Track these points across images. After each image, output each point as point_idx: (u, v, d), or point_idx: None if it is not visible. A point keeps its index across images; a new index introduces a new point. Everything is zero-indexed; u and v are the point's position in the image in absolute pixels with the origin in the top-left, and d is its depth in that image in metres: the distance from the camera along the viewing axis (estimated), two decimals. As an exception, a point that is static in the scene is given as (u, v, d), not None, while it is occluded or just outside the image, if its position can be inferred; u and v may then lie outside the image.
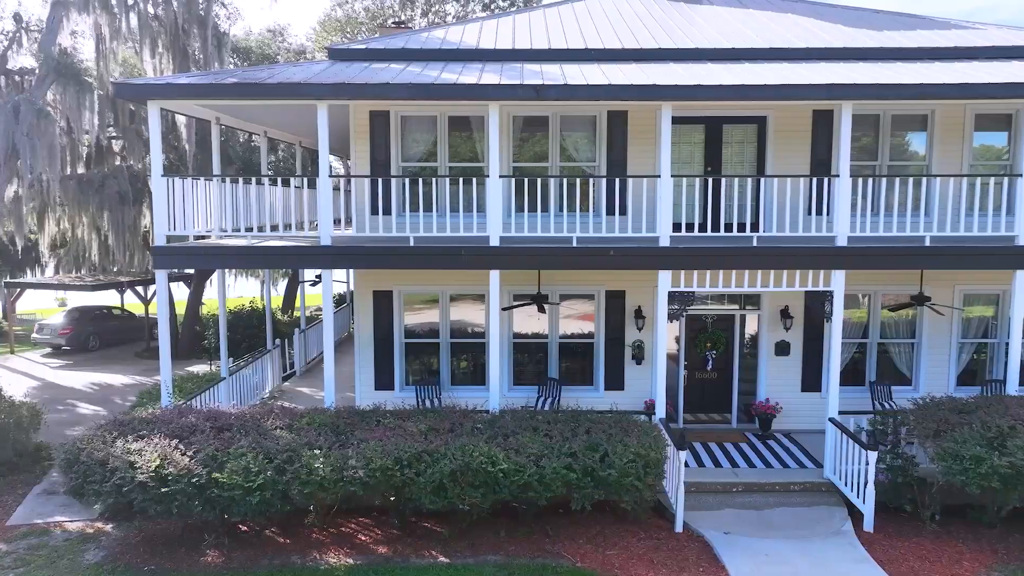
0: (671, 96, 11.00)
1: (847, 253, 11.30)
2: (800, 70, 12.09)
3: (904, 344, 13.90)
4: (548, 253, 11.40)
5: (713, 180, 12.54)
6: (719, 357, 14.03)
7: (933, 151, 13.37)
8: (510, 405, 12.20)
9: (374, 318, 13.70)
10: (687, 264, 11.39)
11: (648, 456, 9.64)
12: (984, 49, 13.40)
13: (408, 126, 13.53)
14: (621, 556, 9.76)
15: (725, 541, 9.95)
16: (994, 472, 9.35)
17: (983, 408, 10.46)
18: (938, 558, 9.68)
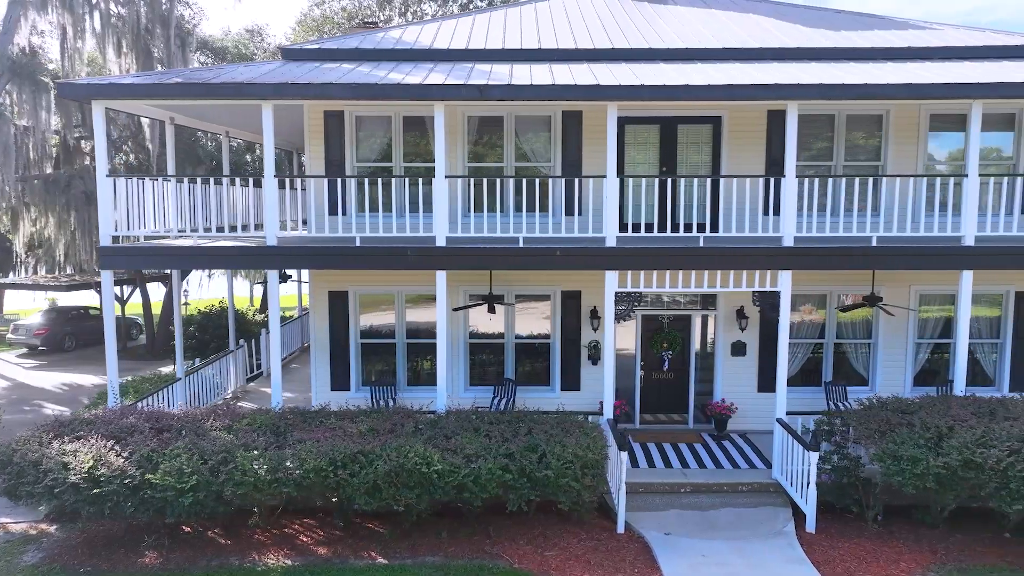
0: (615, 96, 10.99)
1: (794, 253, 11.29)
2: (749, 70, 12.08)
3: (861, 344, 13.89)
4: (494, 253, 11.38)
5: (664, 181, 12.55)
6: (676, 358, 14.02)
7: (888, 152, 13.36)
8: (465, 406, 12.23)
9: (330, 319, 13.68)
10: (634, 264, 11.38)
11: (585, 457, 9.63)
12: (938, 49, 13.40)
13: (363, 126, 13.51)
14: (559, 557, 9.74)
15: (664, 542, 9.93)
16: (929, 472, 9.34)
17: (926, 408, 10.45)
18: (876, 559, 9.67)
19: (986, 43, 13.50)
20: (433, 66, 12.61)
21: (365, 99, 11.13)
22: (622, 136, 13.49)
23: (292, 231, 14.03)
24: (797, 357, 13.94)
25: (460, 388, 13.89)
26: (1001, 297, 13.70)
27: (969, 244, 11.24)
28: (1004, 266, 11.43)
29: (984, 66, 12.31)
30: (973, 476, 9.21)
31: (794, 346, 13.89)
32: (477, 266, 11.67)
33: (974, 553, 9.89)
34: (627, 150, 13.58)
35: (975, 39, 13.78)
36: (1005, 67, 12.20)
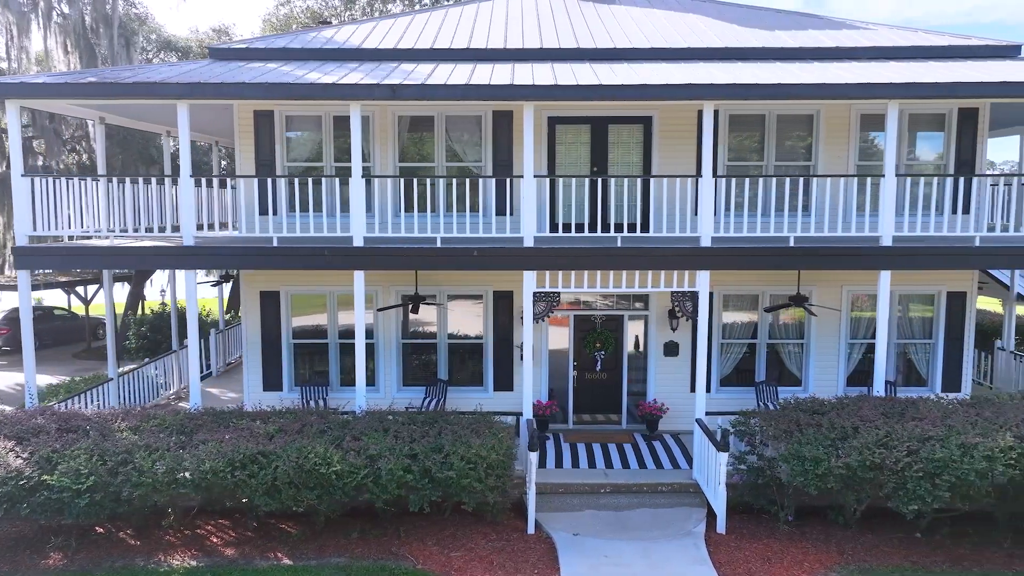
0: (531, 96, 10.97)
1: (711, 253, 11.28)
2: (673, 70, 12.06)
3: (794, 345, 13.88)
4: (411, 253, 11.36)
5: (595, 181, 12.54)
6: (609, 358, 14.00)
7: (819, 152, 13.35)
8: (399, 406, 12.26)
9: (261, 319, 13.64)
10: (552, 265, 11.36)
11: (489, 457, 9.60)
12: (867, 50, 13.39)
13: (293, 126, 13.48)
14: (464, 557, 9.72)
15: (571, 542, 9.91)
16: (830, 473, 9.34)
17: (837, 409, 10.45)
18: (781, 559, 9.65)
19: (915, 43, 13.50)
20: (358, 65, 12.58)
21: (279, 99, 11.12)
22: (553, 136, 13.48)
23: (222, 231, 13.98)
24: (730, 357, 13.93)
25: (393, 388, 13.87)
26: (934, 297, 13.70)
27: (887, 244, 11.23)
28: (919, 267, 11.44)
29: (907, 66, 12.31)
30: (873, 476, 9.20)
31: (727, 346, 13.90)
32: (395, 266, 11.64)
33: (881, 554, 9.88)
34: (558, 150, 13.55)
35: (906, 39, 13.78)
36: (928, 67, 12.20)
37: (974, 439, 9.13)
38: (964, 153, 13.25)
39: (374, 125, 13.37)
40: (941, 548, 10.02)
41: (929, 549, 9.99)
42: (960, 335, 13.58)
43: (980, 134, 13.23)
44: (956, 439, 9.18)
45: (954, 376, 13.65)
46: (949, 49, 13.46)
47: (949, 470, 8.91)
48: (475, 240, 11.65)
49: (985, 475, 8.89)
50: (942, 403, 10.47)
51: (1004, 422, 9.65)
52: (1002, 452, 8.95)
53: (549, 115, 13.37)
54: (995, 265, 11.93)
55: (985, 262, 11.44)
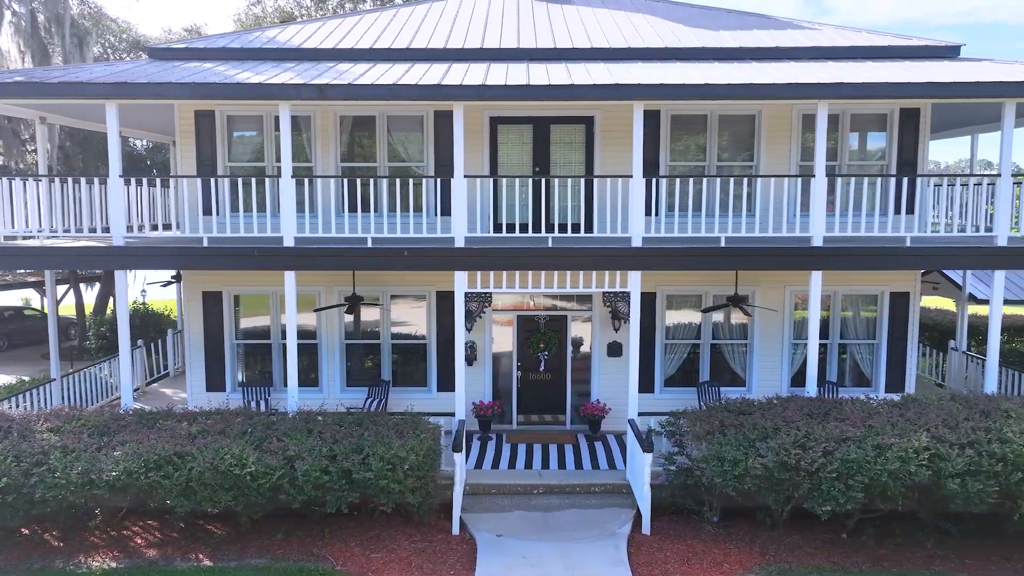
0: (460, 96, 10.95)
1: (642, 254, 11.26)
2: (604, 69, 12.03)
3: (738, 345, 13.87)
4: (342, 254, 11.34)
5: (537, 181, 12.54)
6: (553, 358, 13.99)
7: (761, 152, 13.34)
8: (342, 407, 12.26)
9: (204, 319, 13.62)
10: (483, 265, 11.34)
11: (408, 458, 9.58)
12: (808, 50, 13.38)
13: (235, 125, 13.45)
14: (384, 559, 9.70)
15: (493, 543, 9.89)
16: (747, 473, 9.32)
17: (762, 410, 10.44)
18: (701, 561, 9.63)
19: (855, 44, 13.49)
20: (295, 65, 12.56)
21: (205, 99, 11.10)
22: (495, 136, 13.47)
23: (166, 231, 13.94)
24: (675, 358, 13.92)
25: (337, 389, 13.85)
26: (877, 298, 13.69)
27: (818, 244, 11.22)
28: (850, 267, 11.42)
29: (843, 66, 12.30)
30: (788, 477, 9.18)
31: (672, 347, 13.88)
32: (325, 267, 11.62)
33: (804, 555, 9.86)
34: (500, 150, 13.54)
35: (847, 40, 13.77)
36: (861, 67, 12.18)
37: (890, 440, 9.12)
38: (906, 153, 13.25)
39: (315, 125, 13.35)
40: (864, 549, 10.01)
41: (852, 550, 9.98)
42: (903, 335, 13.58)
43: (922, 134, 13.23)
44: (872, 440, 9.17)
45: (898, 376, 13.65)
46: (889, 49, 13.46)
47: (862, 471, 8.90)
48: (407, 240, 11.63)
49: (898, 476, 8.87)
50: (869, 404, 10.46)
51: (924, 423, 9.64)
52: (916, 453, 8.93)
53: (491, 115, 13.36)
54: (927, 265, 11.90)
55: (917, 262, 11.44)
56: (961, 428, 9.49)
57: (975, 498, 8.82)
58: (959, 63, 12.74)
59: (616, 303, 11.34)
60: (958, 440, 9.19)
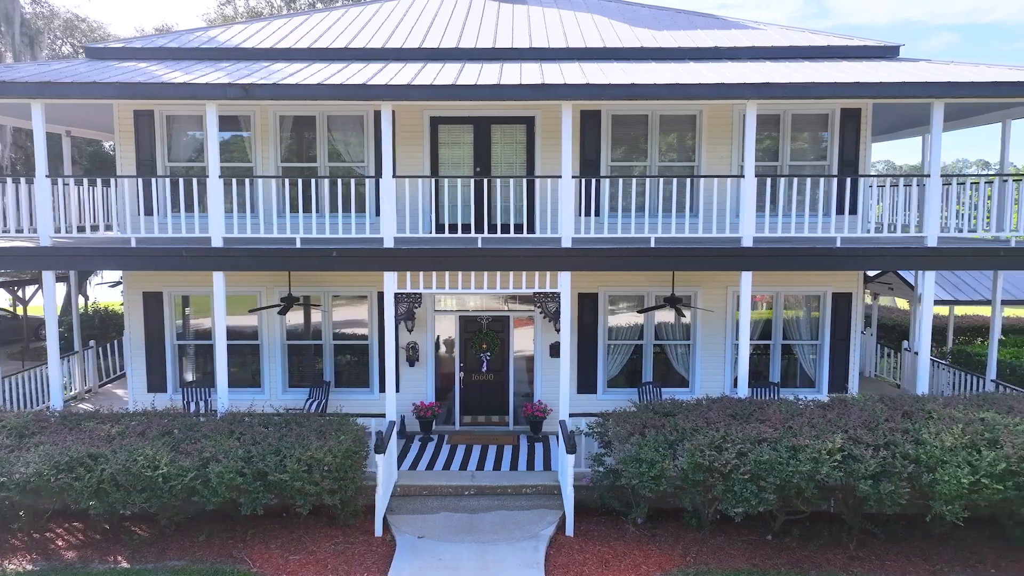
0: (385, 96, 10.89)
1: (572, 255, 11.21)
2: (537, 69, 11.98)
3: (680, 346, 13.83)
4: (269, 254, 11.28)
5: (480, 181, 12.50)
6: (495, 359, 13.95)
7: (702, 152, 13.30)
8: (283, 407, 12.16)
9: (144, 320, 13.58)
10: (413, 265, 11.28)
11: (324, 460, 9.53)
12: (747, 50, 13.35)
13: (174, 125, 13.40)
14: (301, 561, 9.65)
15: (412, 545, 9.84)
16: (663, 475, 9.28)
17: (687, 411, 10.40)
18: (620, 563, 9.59)
19: (795, 44, 13.47)
20: (230, 65, 12.50)
21: (130, 98, 11.07)
22: (436, 136, 13.43)
23: (107, 232, 13.86)
24: (618, 358, 13.88)
25: (279, 390, 13.80)
26: (819, 299, 13.67)
27: (747, 245, 11.18)
28: (779, 267, 11.36)
29: (778, 66, 12.26)
30: (703, 479, 9.14)
31: (614, 347, 13.85)
32: (254, 267, 11.55)
33: (726, 556, 9.83)
34: (441, 150, 13.50)
35: (789, 39, 13.74)
36: (799, 67, 12.15)
37: (805, 441, 9.08)
38: (847, 153, 13.23)
39: (255, 125, 13.30)
40: (787, 550, 9.98)
41: (775, 551, 9.95)
42: (846, 336, 13.56)
43: (864, 135, 13.20)
44: (787, 441, 9.14)
45: (841, 376, 13.62)
46: (829, 49, 13.43)
47: (775, 472, 8.87)
48: (336, 240, 11.58)
49: (811, 477, 8.83)
50: (795, 405, 10.41)
51: (845, 424, 9.60)
52: (829, 454, 8.90)
53: (431, 115, 13.32)
54: (856, 266, 11.85)
55: (846, 263, 11.39)
56: (880, 429, 9.46)
57: (887, 499, 8.79)
58: (896, 63, 12.71)
59: (546, 303, 11.29)
60: (874, 441, 9.16)
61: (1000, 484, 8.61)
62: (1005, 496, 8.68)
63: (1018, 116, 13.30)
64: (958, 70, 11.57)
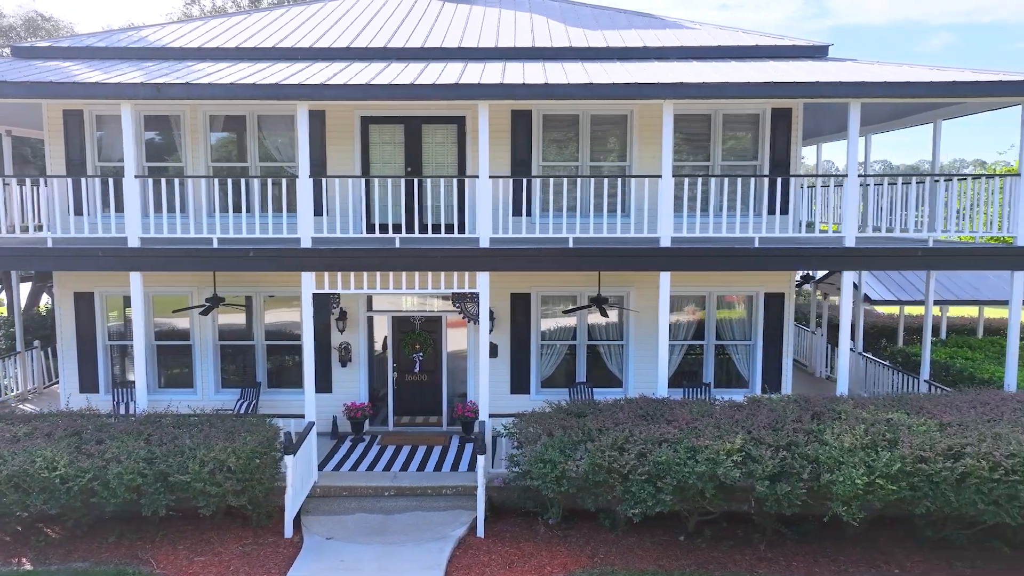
0: (301, 96, 10.86)
1: (489, 255, 11.17)
2: (455, 69, 11.95)
3: (614, 346, 13.81)
4: (188, 255, 11.24)
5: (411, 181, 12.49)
6: (429, 359, 13.92)
7: (634, 152, 13.28)
8: (215, 409, 12.21)
9: (76, 320, 13.53)
10: (331, 266, 11.25)
11: (227, 461, 9.49)
12: (677, 49, 13.33)
13: (105, 125, 13.35)
14: (205, 562, 9.61)
15: (317, 547, 9.81)
16: (564, 476, 9.26)
17: (598, 411, 10.37)
18: (524, 564, 9.57)
19: (724, 43, 13.46)
20: (155, 64, 12.48)
21: (41, 98, 11.00)
22: (366, 136, 13.41)
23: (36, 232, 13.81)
24: (551, 358, 13.86)
25: (211, 390, 13.76)
26: (752, 299, 13.65)
27: (665, 245, 11.16)
28: (697, 267, 11.37)
29: (702, 65, 12.25)
30: (603, 479, 9.12)
31: (548, 347, 13.82)
32: (172, 267, 11.49)
33: (634, 557, 9.81)
34: (372, 149, 13.47)
35: (719, 39, 13.72)
36: (724, 67, 12.13)
37: (705, 442, 9.06)
38: (779, 154, 13.20)
39: (185, 124, 13.27)
40: (698, 551, 9.96)
41: (685, 552, 9.93)
42: (779, 336, 13.54)
43: (794, 135, 13.18)
44: (688, 442, 9.11)
45: (774, 377, 13.60)
46: (758, 49, 13.42)
47: (672, 473, 8.84)
48: (253, 241, 11.54)
49: (709, 478, 8.81)
50: (706, 405, 10.39)
51: (751, 424, 9.59)
52: (727, 454, 8.88)
53: (362, 115, 13.29)
54: (773, 267, 11.78)
55: (763, 263, 11.35)
56: (784, 430, 9.44)
57: (784, 500, 8.77)
58: (822, 63, 12.71)
59: (465, 304, 11.27)
60: (776, 442, 9.14)
61: (894, 485, 8.60)
62: (900, 496, 8.67)
63: (948, 117, 13.31)
64: (877, 70, 11.56)
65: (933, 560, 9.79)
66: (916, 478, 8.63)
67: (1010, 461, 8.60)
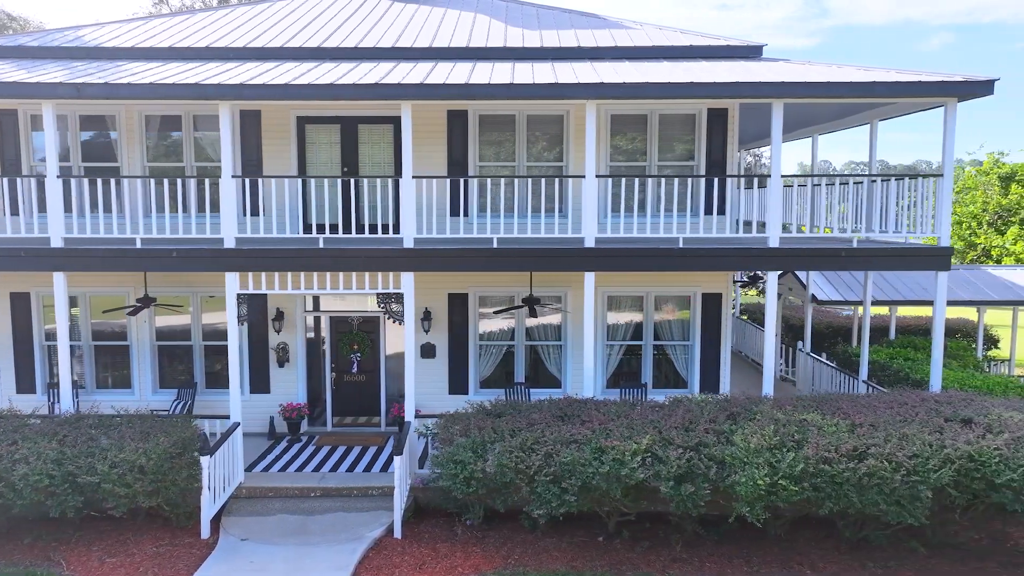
0: (219, 96, 10.82)
1: (413, 255, 11.17)
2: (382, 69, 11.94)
3: (552, 347, 13.80)
4: (112, 255, 11.21)
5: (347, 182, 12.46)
6: (367, 360, 13.90)
7: (570, 152, 13.27)
8: (152, 409, 12.17)
9: (12, 320, 13.50)
10: (255, 266, 11.22)
11: (136, 462, 9.46)
12: (610, 50, 13.33)
13: (39, 125, 13.27)
14: (115, 563, 9.57)
15: (231, 548, 9.78)
16: (472, 476, 9.24)
17: (516, 412, 10.35)
18: (435, 565, 9.53)
19: (657, 43, 13.47)
20: (86, 64, 12.45)
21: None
22: (303, 135, 13.39)
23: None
24: (490, 359, 13.84)
25: (148, 391, 13.73)
26: (689, 299, 13.64)
27: (590, 246, 11.15)
28: (621, 268, 11.34)
29: (635, 65, 12.24)
30: (511, 480, 9.10)
31: (487, 348, 13.81)
32: (96, 268, 11.46)
33: (549, 558, 9.77)
34: (308, 150, 13.45)
35: (656, 39, 13.72)
36: (647, 67, 12.12)
37: (613, 442, 9.05)
38: (715, 154, 13.19)
39: (121, 124, 13.24)
40: (613, 552, 9.94)
41: (601, 553, 9.91)
42: (716, 336, 13.53)
43: (730, 135, 13.17)
44: (597, 442, 9.10)
45: (712, 377, 13.59)
46: (692, 49, 13.42)
47: (576, 474, 8.83)
48: (175, 241, 11.52)
49: (613, 478, 8.80)
50: (623, 405, 10.36)
51: (664, 424, 9.57)
52: (632, 455, 8.86)
53: (297, 115, 13.27)
54: (698, 267, 11.64)
55: (687, 264, 11.31)
56: (696, 430, 9.43)
57: (687, 500, 8.77)
58: (754, 63, 12.70)
59: (390, 304, 11.24)
60: (685, 443, 9.13)
61: (796, 485, 8.59)
62: (803, 497, 8.66)
63: (884, 117, 13.32)
64: (803, 70, 11.56)
65: (848, 561, 9.78)
66: (819, 479, 8.62)
67: (912, 462, 8.60)
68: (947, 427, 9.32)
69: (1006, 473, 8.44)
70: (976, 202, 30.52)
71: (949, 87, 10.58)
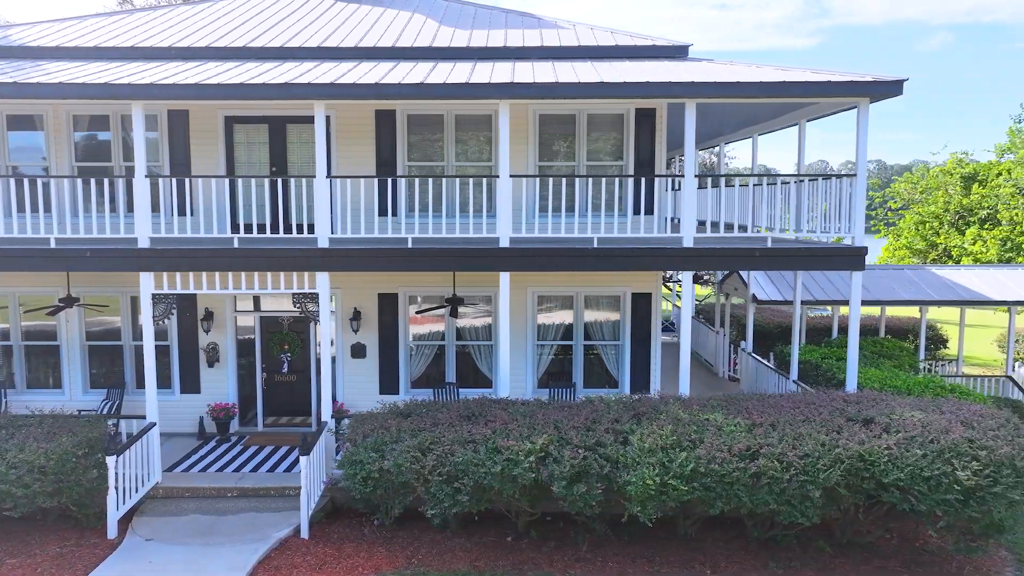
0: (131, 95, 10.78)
1: (328, 255, 11.15)
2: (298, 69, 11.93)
3: (484, 347, 13.79)
4: (20, 255, 11.19)
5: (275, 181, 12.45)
6: (298, 359, 13.88)
7: (498, 152, 13.21)
8: (80, 410, 12.16)
9: (-59, 320, 13.48)
10: (169, 266, 11.20)
11: (35, 462, 9.44)
12: (537, 50, 13.34)
13: (-34, 125, 13.29)
14: (17, 564, 9.54)
15: (133, 548, 9.77)
16: (369, 477, 9.23)
17: (421, 412, 10.35)
18: (335, 565, 9.51)
19: (584, 43, 13.48)
20: (6, 64, 12.42)
21: None
22: (231, 135, 13.37)
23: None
24: (422, 359, 13.84)
25: (79, 391, 13.72)
26: (619, 299, 13.64)
27: (505, 246, 11.14)
28: (536, 268, 11.34)
29: (555, 65, 12.24)
30: (408, 480, 9.10)
31: (419, 348, 13.80)
32: (13, 267, 11.38)
33: (454, 558, 9.76)
34: (237, 149, 13.44)
35: (585, 39, 13.74)
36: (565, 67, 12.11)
37: (510, 442, 9.04)
38: (643, 154, 13.20)
39: (48, 124, 13.22)
40: (519, 552, 9.93)
41: (505, 553, 9.90)
42: (647, 336, 13.54)
43: (659, 135, 13.18)
44: (493, 442, 9.09)
45: (642, 377, 13.60)
46: (619, 49, 13.43)
47: (469, 473, 8.83)
48: (91, 240, 11.50)
49: (506, 478, 8.80)
50: (528, 405, 10.34)
51: (565, 424, 9.55)
52: (526, 455, 8.86)
53: (225, 114, 13.26)
54: (612, 267, 11.53)
55: (602, 264, 11.28)
56: (597, 430, 9.43)
57: (580, 500, 8.76)
58: (680, 63, 12.72)
59: (305, 304, 11.23)
60: (583, 442, 9.12)
61: (687, 485, 8.59)
62: (694, 496, 8.66)
63: (811, 117, 13.33)
64: (721, 70, 11.56)
65: (751, 561, 9.79)
66: (709, 479, 8.62)
67: (802, 461, 8.61)
68: (846, 427, 9.32)
69: (894, 472, 8.45)
70: (938, 202, 30.60)
71: (859, 87, 10.59)
